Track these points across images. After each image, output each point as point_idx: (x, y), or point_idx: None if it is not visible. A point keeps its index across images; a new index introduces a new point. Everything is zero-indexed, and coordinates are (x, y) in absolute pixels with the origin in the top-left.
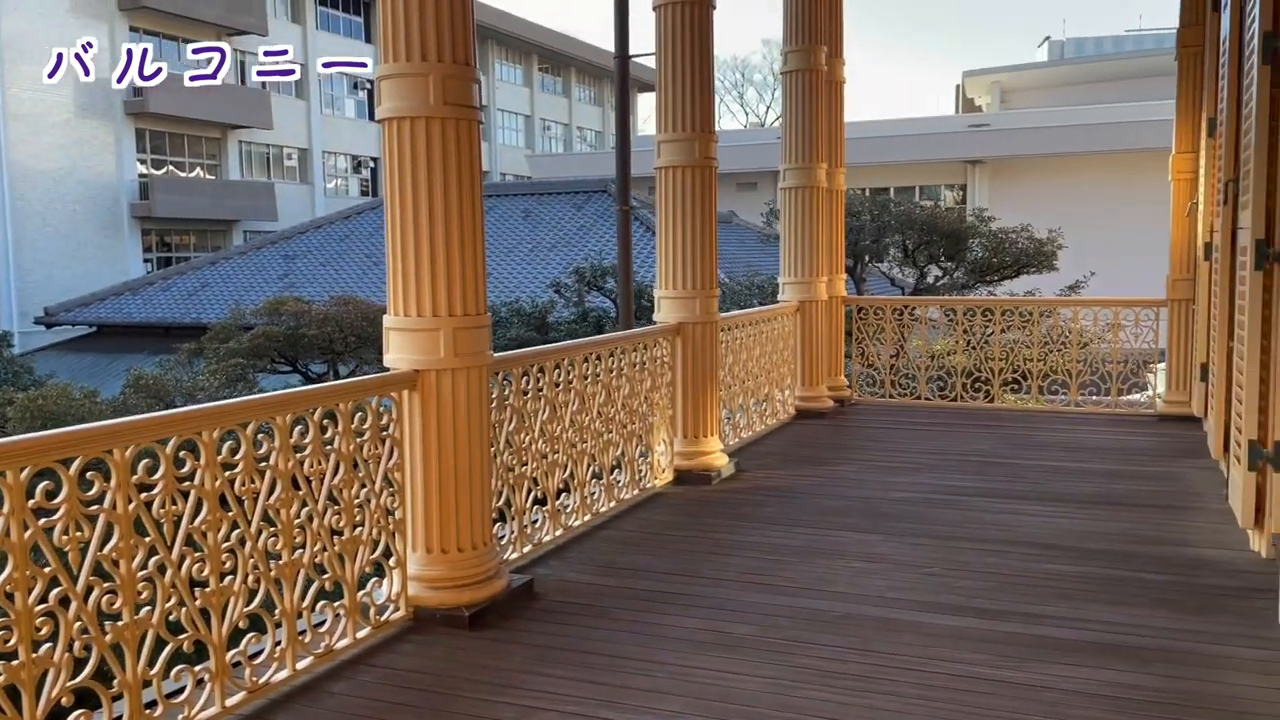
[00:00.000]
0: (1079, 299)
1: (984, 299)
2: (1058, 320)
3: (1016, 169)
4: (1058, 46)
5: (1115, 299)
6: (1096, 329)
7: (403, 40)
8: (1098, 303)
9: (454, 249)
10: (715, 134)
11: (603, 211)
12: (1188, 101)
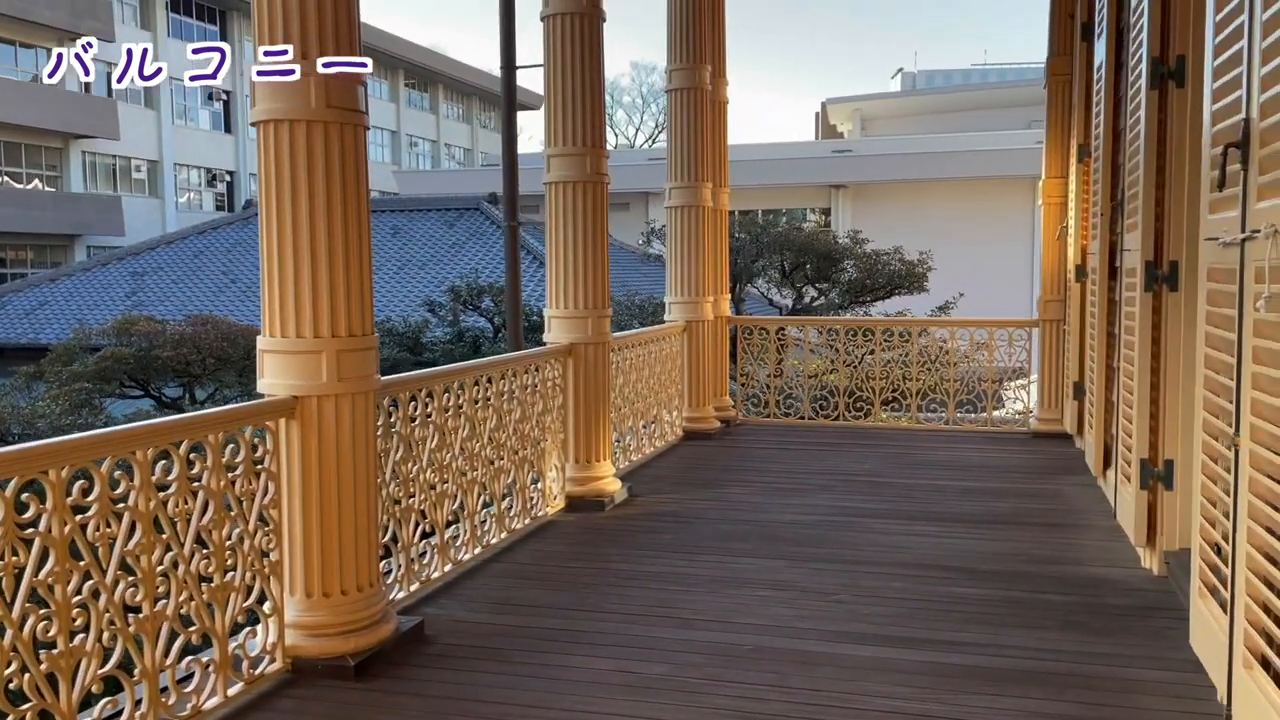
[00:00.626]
0: (956, 320)
1: (866, 319)
2: (933, 340)
3: (878, 193)
4: (910, 77)
5: (990, 320)
6: (970, 349)
7: (280, 35)
8: (973, 323)
9: (338, 264)
10: (607, 149)
11: (475, 229)
12: (1057, 128)
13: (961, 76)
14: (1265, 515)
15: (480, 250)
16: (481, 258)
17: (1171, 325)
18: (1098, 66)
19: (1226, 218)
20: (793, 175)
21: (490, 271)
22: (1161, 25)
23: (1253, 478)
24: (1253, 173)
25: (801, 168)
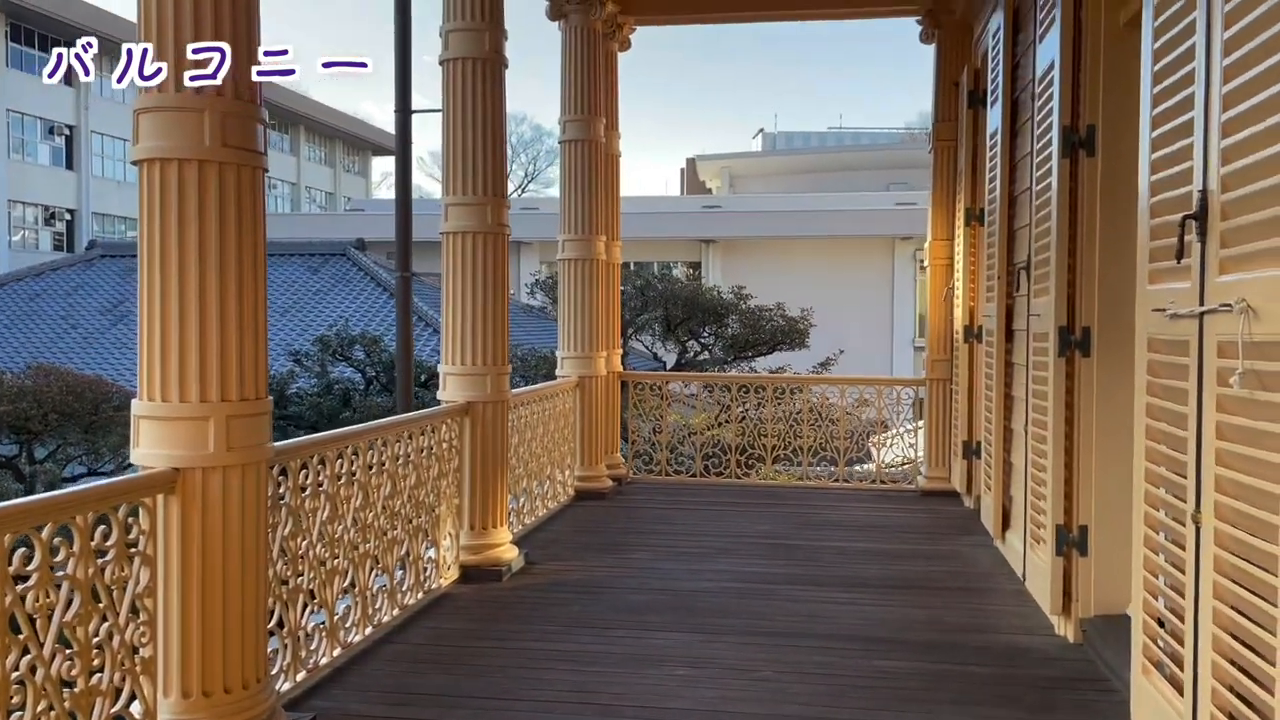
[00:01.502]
0: (845, 378)
1: (758, 376)
2: (823, 397)
3: (746, 248)
4: (770, 138)
5: (878, 378)
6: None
7: (170, 63)
8: (862, 381)
9: (230, 319)
10: (508, 199)
11: (340, 275)
12: (943, 192)
13: (818, 139)
14: (1233, 595)
15: (347, 298)
16: (349, 306)
17: (1084, 390)
18: (991, 133)
19: (1175, 289)
20: (664, 229)
21: (360, 320)
22: (1072, 96)
23: (1218, 556)
24: (1212, 245)
25: (673, 222)
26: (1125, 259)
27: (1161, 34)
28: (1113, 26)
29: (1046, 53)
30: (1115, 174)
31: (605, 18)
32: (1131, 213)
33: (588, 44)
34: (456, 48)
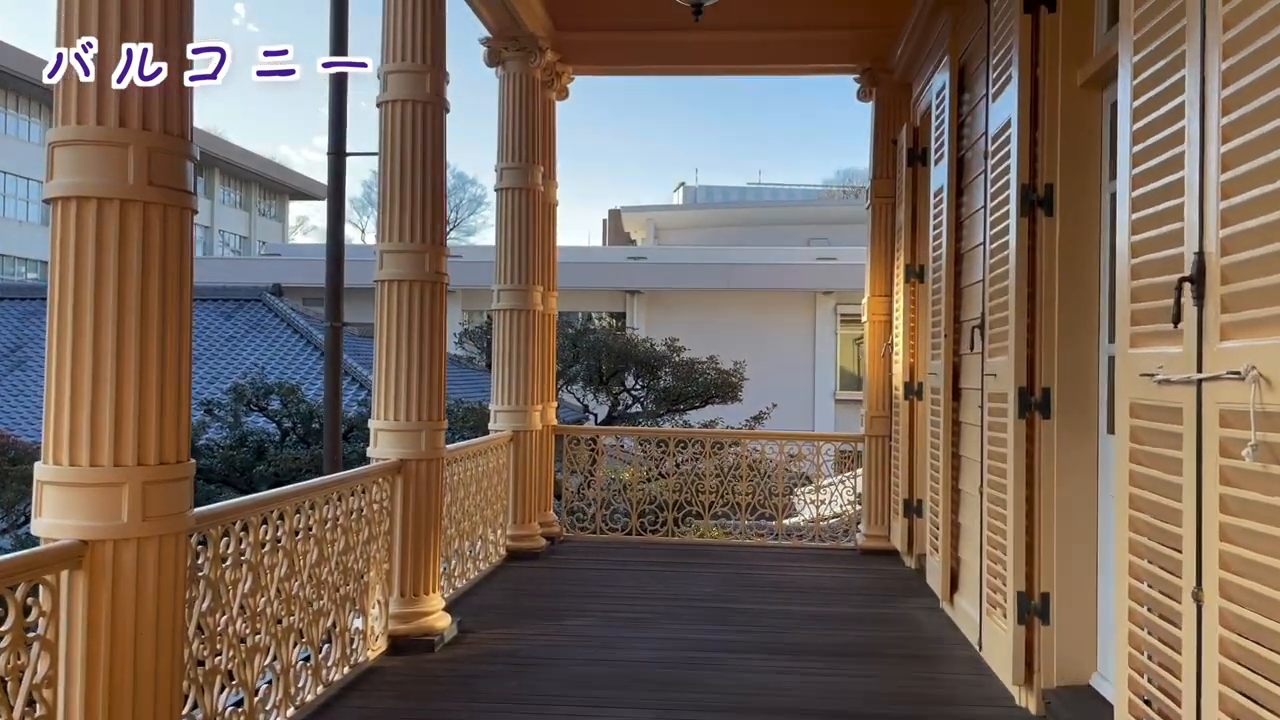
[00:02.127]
0: (783, 433)
1: (696, 431)
2: (762, 453)
3: (671, 300)
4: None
5: (817, 434)
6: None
7: (92, 97)
8: (800, 437)
9: (151, 375)
10: (447, 247)
11: (256, 322)
12: (880, 248)
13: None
14: (1242, 680)
15: (263, 345)
16: (265, 353)
17: (1045, 453)
18: (936, 190)
19: (1164, 353)
20: (589, 280)
21: (276, 368)
22: (1030, 155)
23: (1224, 638)
24: (1211, 310)
25: (598, 272)
26: (1085, 319)
27: (1142, 92)
28: (1070, 86)
29: (1002, 110)
30: (1075, 234)
31: (544, 65)
32: (1092, 273)
33: (526, 92)
34: (396, 89)
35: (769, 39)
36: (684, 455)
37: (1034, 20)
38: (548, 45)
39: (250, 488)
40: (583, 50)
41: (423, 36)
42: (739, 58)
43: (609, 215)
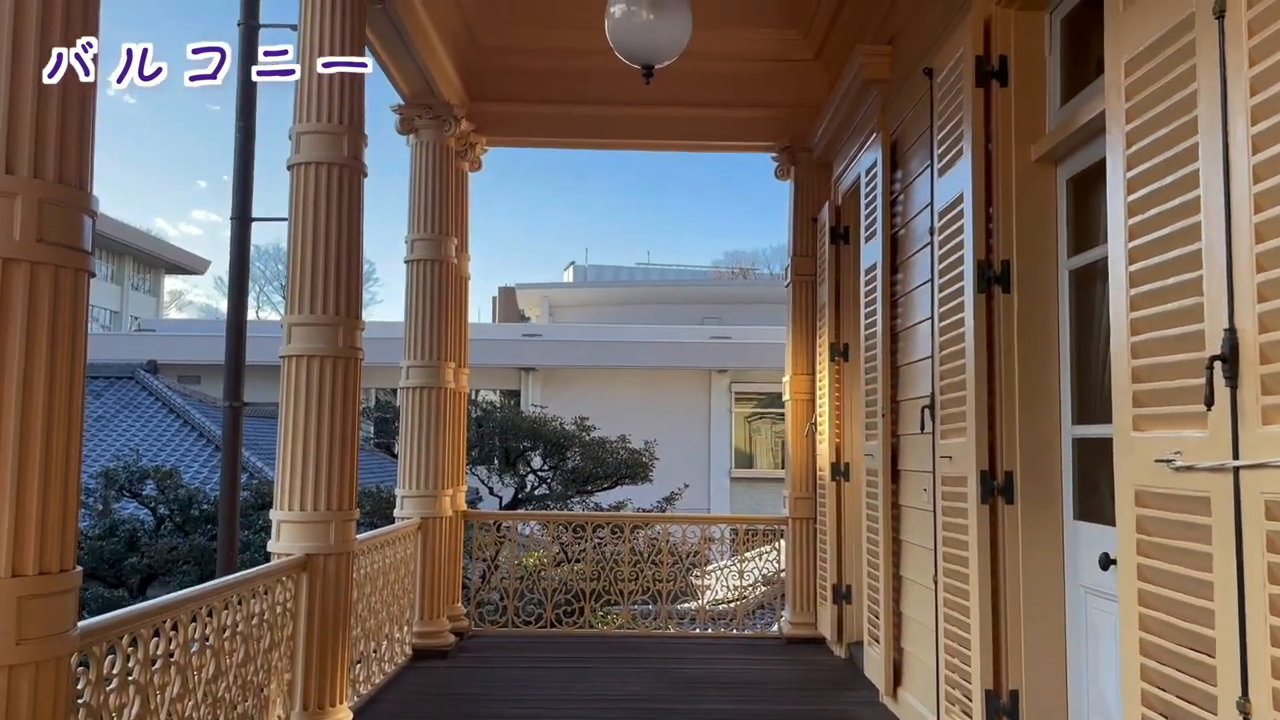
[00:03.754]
0: (705, 516)
1: (614, 515)
2: (685, 536)
3: (566, 377)
4: (582, 270)
5: (741, 517)
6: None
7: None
8: (723, 520)
9: (31, 466)
10: (362, 320)
11: (128, 400)
12: (801, 326)
13: (628, 274)
14: None
15: (136, 426)
16: (138, 434)
17: (1009, 540)
18: (868, 269)
19: (1183, 437)
20: (484, 356)
21: (151, 451)
22: (985, 231)
23: None
24: (1248, 391)
25: (493, 349)
26: (1046, 399)
27: (1139, 162)
28: (1024, 161)
29: (952, 185)
30: (1033, 311)
31: (459, 135)
32: (1051, 351)
33: (439, 161)
34: (309, 151)
35: (688, 115)
36: (600, 538)
37: (986, 94)
38: (463, 114)
39: (119, 581)
40: (498, 121)
41: (340, 96)
42: (656, 133)
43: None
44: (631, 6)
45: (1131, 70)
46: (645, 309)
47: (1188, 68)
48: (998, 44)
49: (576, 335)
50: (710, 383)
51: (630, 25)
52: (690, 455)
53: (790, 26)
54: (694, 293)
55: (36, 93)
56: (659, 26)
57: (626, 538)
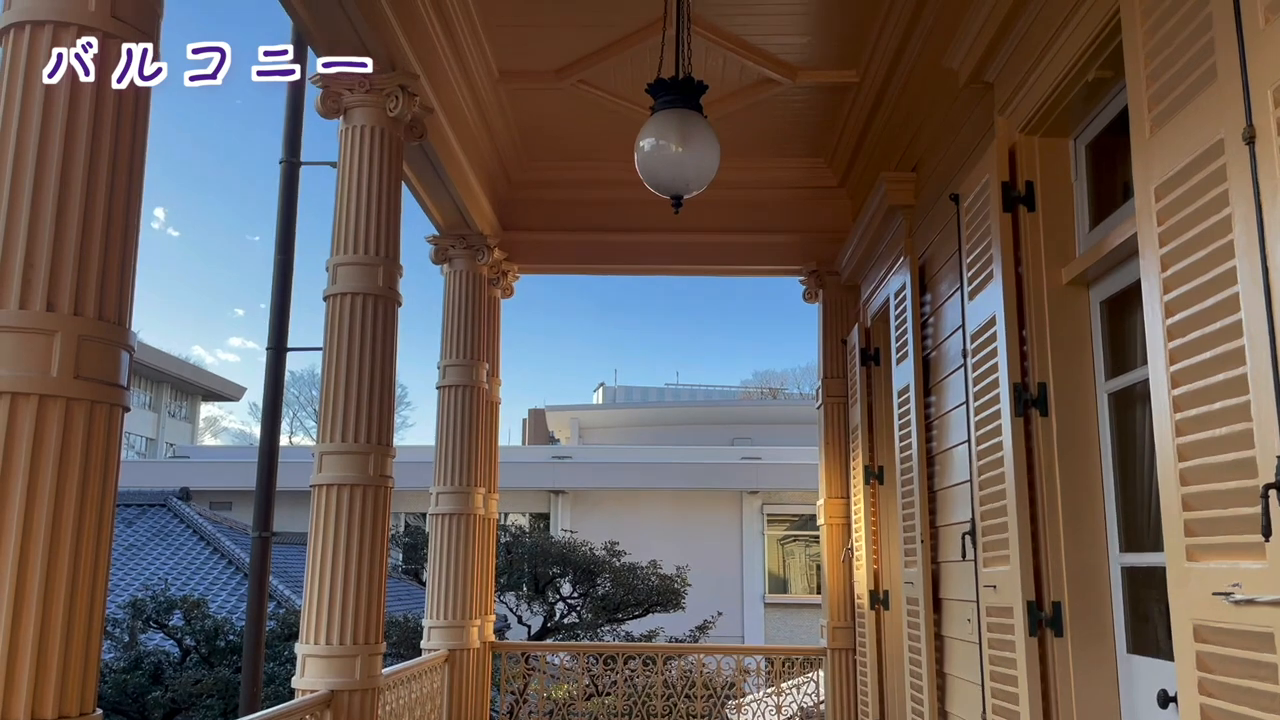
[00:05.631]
0: (740, 647)
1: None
2: (719, 667)
3: (596, 499)
4: (611, 392)
5: (777, 648)
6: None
7: (17, 273)
8: (759, 651)
9: (55, 609)
10: (393, 447)
11: (159, 529)
12: (834, 448)
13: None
14: None
15: (166, 554)
16: (168, 563)
17: (1060, 675)
18: (900, 391)
19: (1241, 568)
20: (513, 480)
21: (180, 580)
22: (1020, 354)
23: None
24: None
25: (522, 472)
26: (1092, 525)
27: (1176, 285)
28: (1055, 283)
29: (983, 309)
30: (1073, 434)
31: (491, 263)
32: (1095, 475)
33: (472, 289)
34: (345, 282)
35: (716, 240)
36: (631, 670)
37: (1014, 219)
38: (495, 243)
39: (143, 717)
40: (530, 249)
41: (377, 227)
42: (685, 258)
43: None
44: (661, 140)
45: (1162, 195)
46: (675, 430)
47: (1220, 192)
48: (1023, 170)
49: (606, 457)
50: (742, 504)
51: (660, 158)
52: (722, 579)
53: (815, 155)
54: (724, 413)
55: (80, 230)
56: (688, 159)
57: (659, 669)
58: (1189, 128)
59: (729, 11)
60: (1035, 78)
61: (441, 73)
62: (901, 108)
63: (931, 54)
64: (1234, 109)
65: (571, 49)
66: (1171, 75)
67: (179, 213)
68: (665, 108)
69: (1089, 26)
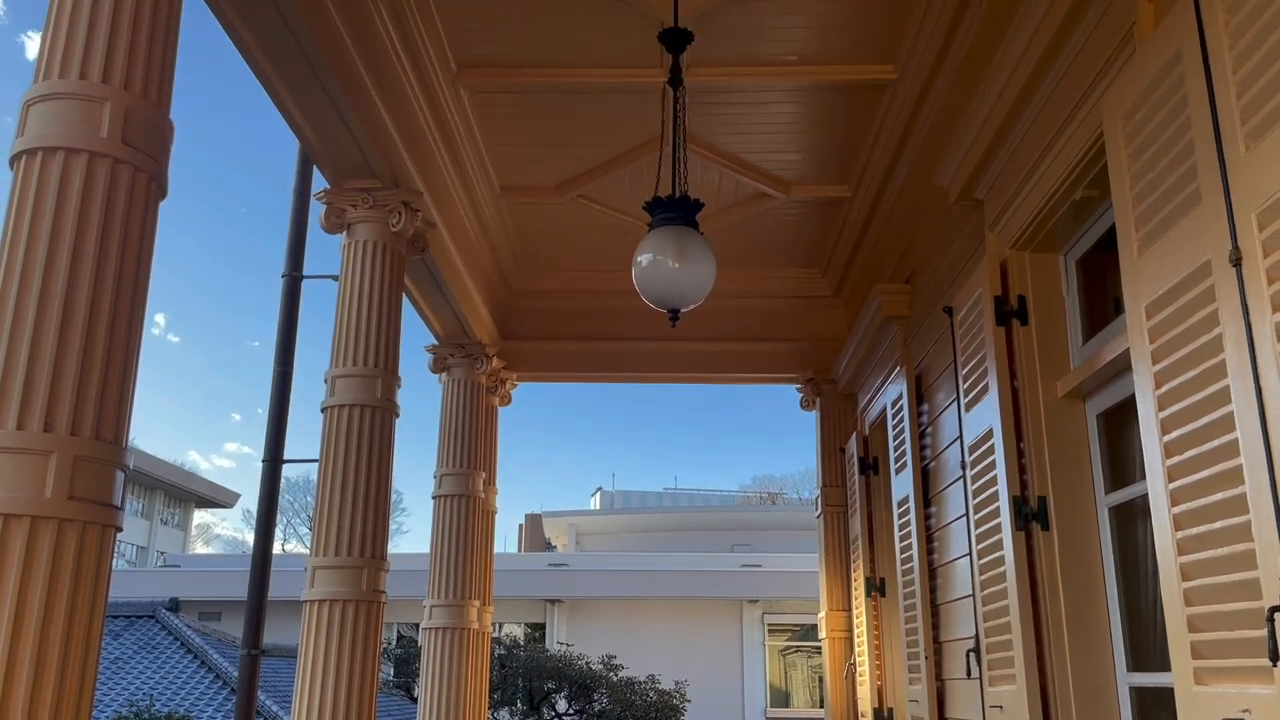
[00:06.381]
0: None
1: None
2: None
3: (593, 609)
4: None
5: None
6: None
7: (16, 393)
8: None
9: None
10: (387, 561)
11: (147, 640)
12: (835, 560)
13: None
14: None
15: (153, 668)
16: (154, 677)
17: None
18: (900, 501)
19: (1249, 694)
20: (508, 588)
21: (166, 695)
22: (1019, 467)
23: None
24: None
25: (517, 580)
26: (1097, 642)
27: (1171, 403)
28: (1051, 396)
29: (980, 420)
30: (1075, 549)
31: (490, 372)
32: (1099, 591)
33: (470, 397)
34: (343, 394)
35: (713, 349)
36: None
37: (1008, 332)
38: (494, 352)
39: None
40: (529, 358)
41: (377, 339)
42: (682, 366)
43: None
44: (658, 255)
45: (1153, 313)
46: (674, 536)
47: (1209, 312)
48: (1015, 284)
49: (604, 565)
50: (742, 613)
51: (657, 273)
52: (723, 692)
53: (810, 265)
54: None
55: (82, 351)
56: (684, 273)
57: None
58: (1176, 248)
59: (724, 130)
60: (1024, 196)
61: (444, 188)
62: (894, 220)
63: (922, 170)
64: (1219, 231)
65: (571, 166)
66: (1157, 197)
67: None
68: (662, 225)
69: (1074, 147)
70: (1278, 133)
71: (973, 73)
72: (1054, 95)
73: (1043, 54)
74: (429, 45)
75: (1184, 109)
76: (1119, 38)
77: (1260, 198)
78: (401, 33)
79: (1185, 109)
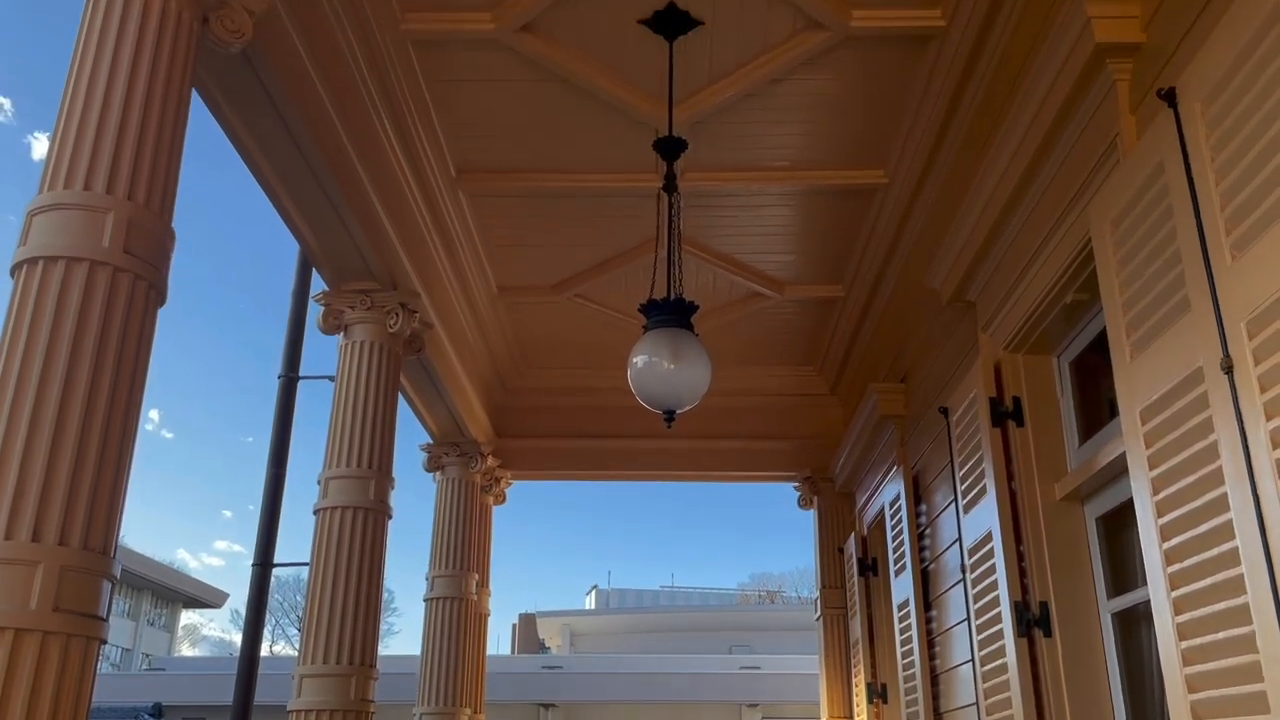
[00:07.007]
0: None
1: None
2: None
3: (588, 714)
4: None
5: None
6: None
7: (5, 503)
8: None
9: None
10: (377, 669)
11: None
12: (835, 663)
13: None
14: None
15: None
16: None
17: None
18: (900, 604)
19: None
20: (500, 692)
21: None
22: (1019, 571)
23: None
24: None
25: (509, 684)
26: None
27: (1169, 509)
28: (1049, 499)
29: (979, 523)
30: (1078, 655)
31: (484, 470)
32: (1104, 697)
33: (464, 497)
34: (336, 496)
35: (709, 447)
36: None
37: (1003, 434)
38: (489, 451)
39: None
40: (524, 456)
41: (372, 440)
42: (679, 464)
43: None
44: (653, 357)
45: (1147, 418)
46: (671, 636)
47: (1204, 419)
48: (1009, 385)
49: (599, 666)
50: (741, 718)
51: (652, 374)
52: None
53: (805, 364)
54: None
55: (74, 461)
56: (680, 375)
57: None
58: (1168, 354)
59: (718, 232)
60: (1015, 299)
61: (442, 289)
62: (888, 320)
63: (915, 270)
64: (1209, 339)
65: (568, 266)
66: (1147, 303)
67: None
68: (657, 327)
69: (1064, 253)
70: (1263, 244)
71: (962, 177)
72: (1041, 202)
73: (1029, 162)
74: (429, 151)
75: (1169, 218)
76: (1104, 146)
77: (1249, 307)
78: (402, 140)
79: (1171, 218)
